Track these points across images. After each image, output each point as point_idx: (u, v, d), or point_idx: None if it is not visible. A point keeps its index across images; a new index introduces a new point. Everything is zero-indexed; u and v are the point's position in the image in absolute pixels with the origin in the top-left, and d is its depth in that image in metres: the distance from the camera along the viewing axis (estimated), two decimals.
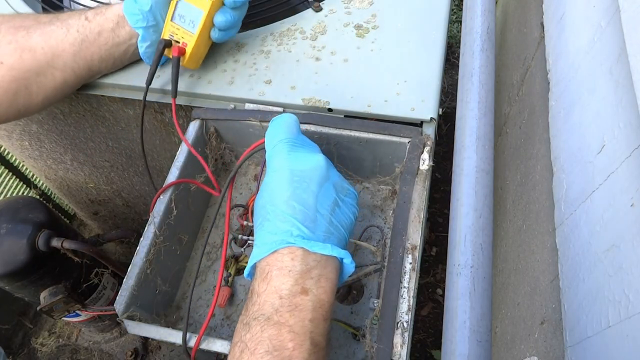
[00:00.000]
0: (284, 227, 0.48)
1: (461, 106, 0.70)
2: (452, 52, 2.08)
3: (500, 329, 0.90)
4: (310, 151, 0.55)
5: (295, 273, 0.47)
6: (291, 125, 0.57)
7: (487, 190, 0.61)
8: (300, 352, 0.44)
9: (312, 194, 0.50)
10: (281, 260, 0.48)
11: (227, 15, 0.68)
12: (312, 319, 0.46)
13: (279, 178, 0.51)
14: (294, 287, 0.46)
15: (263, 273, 0.48)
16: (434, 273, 1.59)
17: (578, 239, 0.60)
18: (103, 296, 1.02)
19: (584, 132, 0.63)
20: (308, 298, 0.46)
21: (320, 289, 0.47)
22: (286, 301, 0.46)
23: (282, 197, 0.50)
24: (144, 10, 0.67)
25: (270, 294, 0.46)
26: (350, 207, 0.53)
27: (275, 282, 0.47)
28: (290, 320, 0.45)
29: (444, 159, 1.70)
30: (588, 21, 0.66)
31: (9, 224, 0.83)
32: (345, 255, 0.49)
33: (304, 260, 0.47)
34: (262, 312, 0.46)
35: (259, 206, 0.52)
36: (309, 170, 0.51)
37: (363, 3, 0.81)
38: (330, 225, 0.50)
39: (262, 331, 0.45)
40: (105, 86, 0.77)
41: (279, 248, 0.48)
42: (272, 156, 0.54)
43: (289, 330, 0.44)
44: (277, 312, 0.45)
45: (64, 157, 1.02)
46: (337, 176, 0.54)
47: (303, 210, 0.49)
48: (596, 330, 0.52)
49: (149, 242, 0.64)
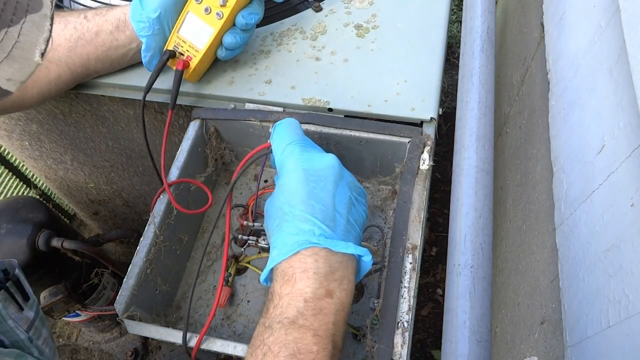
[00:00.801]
0: (305, 227, 0.48)
1: (461, 106, 0.70)
2: (452, 52, 2.08)
3: (500, 329, 0.90)
4: (321, 151, 0.55)
5: (319, 275, 0.46)
6: (296, 128, 0.57)
7: (487, 190, 0.61)
8: (323, 355, 0.44)
9: (330, 192, 0.50)
10: (304, 261, 0.47)
11: (237, 37, 0.68)
12: (334, 322, 0.46)
13: (295, 179, 0.51)
14: (318, 289, 0.46)
15: (285, 275, 0.47)
16: (434, 273, 1.59)
17: (578, 239, 0.60)
18: (103, 296, 1.02)
19: (584, 132, 0.63)
20: (332, 301, 0.46)
21: (343, 291, 0.47)
22: (311, 304, 0.46)
23: (300, 197, 0.49)
24: (150, 18, 0.66)
25: (295, 297, 0.46)
26: (362, 206, 0.54)
27: (299, 284, 0.46)
28: (314, 324, 0.45)
29: (444, 159, 1.70)
30: (588, 21, 0.66)
31: (9, 224, 0.83)
32: (365, 253, 0.49)
33: (327, 262, 0.47)
34: (285, 315, 0.45)
35: (275, 208, 0.51)
36: (323, 169, 0.51)
37: (363, 3, 0.81)
38: (347, 224, 0.50)
39: (286, 334, 0.44)
40: (105, 86, 0.77)
41: (302, 249, 0.47)
42: (284, 159, 0.54)
43: (314, 333, 0.44)
44: (302, 315, 0.45)
45: (64, 157, 1.02)
46: (350, 175, 0.55)
47: (323, 209, 0.49)
48: (596, 330, 0.52)
49: (149, 242, 0.64)
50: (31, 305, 0.58)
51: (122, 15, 0.68)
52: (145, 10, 0.66)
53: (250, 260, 0.71)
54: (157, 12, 0.66)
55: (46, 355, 0.58)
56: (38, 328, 0.58)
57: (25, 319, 0.57)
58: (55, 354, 0.61)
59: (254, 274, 0.73)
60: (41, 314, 0.60)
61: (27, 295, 0.57)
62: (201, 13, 0.66)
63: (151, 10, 0.66)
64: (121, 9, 0.68)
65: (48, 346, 0.60)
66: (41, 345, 0.58)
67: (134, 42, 0.70)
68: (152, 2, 0.66)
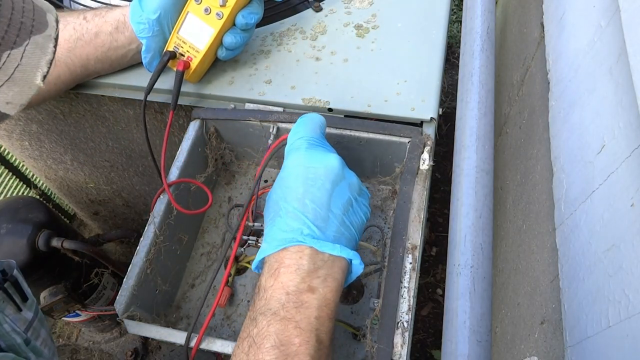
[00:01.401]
0: (294, 224, 0.48)
1: (461, 106, 0.70)
2: (452, 52, 2.08)
3: (500, 329, 0.90)
4: (327, 151, 0.55)
5: (302, 271, 0.47)
6: (315, 125, 0.57)
7: (487, 190, 0.61)
8: (306, 347, 0.44)
9: (326, 192, 0.50)
10: (289, 257, 0.48)
11: (237, 37, 0.68)
12: (317, 317, 0.46)
13: (294, 174, 0.51)
14: (300, 284, 0.46)
15: (271, 269, 0.48)
16: (434, 273, 1.59)
17: (578, 239, 0.60)
18: (103, 296, 1.02)
19: (584, 132, 0.63)
20: (314, 296, 0.46)
21: (327, 288, 0.47)
22: (293, 297, 0.46)
23: (296, 194, 0.50)
24: (150, 19, 0.66)
25: (277, 289, 0.47)
26: (363, 208, 0.54)
27: (282, 278, 0.47)
28: (296, 316, 0.45)
29: (444, 159, 1.70)
30: (588, 21, 0.66)
31: (9, 224, 0.83)
32: (354, 257, 0.49)
33: (311, 260, 0.47)
34: (268, 306, 0.46)
35: (272, 201, 0.52)
36: (323, 168, 0.51)
37: (363, 3, 0.81)
38: (341, 225, 0.50)
39: (268, 325, 0.45)
40: (105, 86, 0.77)
41: (288, 246, 0.48)
42: (289, 152, 0.54)
43: (295, 326, 0.45)
44: (284, 307, 0.46)
45: (64, 157, 1.02)
46: (353, 176, 0.54)
47: (315, 208, 0.49)
48: (596, 330, 0.52)
49: (149, 242, 0.64)
50: (30, 306, 0.58)
51: (122, 16, 0.68)
52: (145, 12, 0.66)
53: (250, 260, 0.71)
54: (156, 14, 0.66)
55: (45, 356, 0.58)
56: (36, 329, 0.58)
57: (24, 320, 0.57)
58: (54, 354, 0.61)
59: (254, 274, 0.73)
60: (40, 314, 0.59)
61: (25, 296, 0.57)
62: (201, 13, 0.66)
63: (151, 12, 0.66)
64: (120, 10, 0.68)
65: (47, 347, 0.60)
66: (39, 346, 0.58)
67: (133, 43, 0.70)
68: (152, 3, 0.66)
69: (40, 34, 0.37)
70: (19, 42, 0.35)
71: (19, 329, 0.55)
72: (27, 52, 0.36)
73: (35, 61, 0.36)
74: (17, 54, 0.35)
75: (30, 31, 0.36)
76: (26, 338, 0.56)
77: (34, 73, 0.36)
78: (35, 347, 0.57)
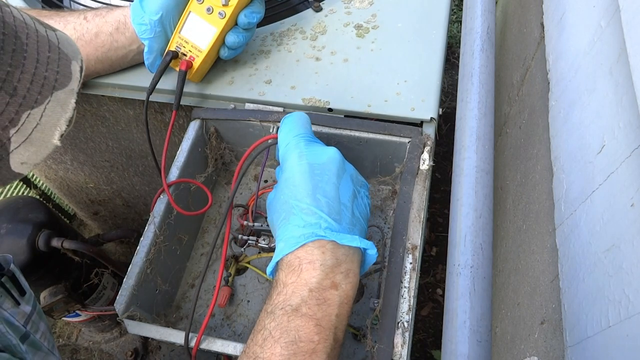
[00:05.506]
0: (311, 219, 0.48)
1: (461, 106, 0.70)
2: (452, 52, 2.08)
3: (500, 329, 0.90)
4: (325, 145, 0.55)
5: (326, 267, 0.47)
6: (306, 122, 0.57)
7: (487, 190, 0.61)
8: (324, 346, 0.44)
9: (334, 185, 0.50)
10: (311, 253, 0.47)
11: (240, 36, 0.68)
12: (338, 314, 0.46)
13: (300, 172, 0.51)
14: (324, 280, 0.46)
15: (291, 265, 0.48)
16: (434, 273, 1.59)
17: (578, 239, 0.60)
18: (103, 296, 1.02)
19: (584, 132, 0.63)
20: (337, 293, 0.46)
21: (349, 284, 0.48)
22: (315, 294, 0.46)
23: (306, 190, 0.49)
24: (152, 20, 0.66)
25: (300, 285, 0.46)
26: (365, 198, 0.54)
27: (305, 274, 0.47)
28: (318, 314, 0.45)
29: (444, 159, 1.70)
30: (588, 21, 0.66)
31: (9, 224, 0.83)
32: (370, 246, 0.49)
33: (334, 254, 0.47)
34: (289, 302, 0.46)
35: (281, 202, 0.51)
36: (327, 162, 0.52)
37: (363, 3, 0.81)
38: (352, 217, 0.50)
39: (288, 321, 0.45)
40: (105, 86, 0.77)
41: (308, 241, 0.48)
42: (288, 151, 0.54)
43: (316, 323, 0.45)
44: (306, 304, 0.45)
45: (64, 157, 1.02)
46: (352, 168, 0.55)
47: (328, 202, 0.49)
48: (596, 330, 0.52)
49: (149, 242, 0.64)
50: (28, 300, 0.58)
51: (122, 17, 0.68)
52: (147, 13, 0.66)
53: (250, 260, 0.71)
54: (158, 14, 0.66)
55: (43, 350, 0.58)
56: (35, 322, 0.58)
57: (22, 313, 0.57)
58: (54, 347, 0.61)
59: (254, 274, 0.73)
60: (38, 307, 0.60)
61: (23, 290, 0.57)
62: (203, 13, 0.66)
63: (152, 13, 0.65)
64: (121, 11, 0.68)
65: (46, 340, 0.60)
66: (39, 339, 0.58)
67: (134, 44, 0.70)
68: (153, 4, 0.65)
69: (63, 89, 0.36)
70: (40, 100, 0.34)
71: (19, 323, 0.55)
72: (48, 111, 0.34)
73: (54, 120, 0.35)
74: (37, 113, 0.34)
75: (53, 86, 0.35)
76: (25, 332, 0.56)
77: (52, 132, 0.35)
78: (35, 341, 0.57)
